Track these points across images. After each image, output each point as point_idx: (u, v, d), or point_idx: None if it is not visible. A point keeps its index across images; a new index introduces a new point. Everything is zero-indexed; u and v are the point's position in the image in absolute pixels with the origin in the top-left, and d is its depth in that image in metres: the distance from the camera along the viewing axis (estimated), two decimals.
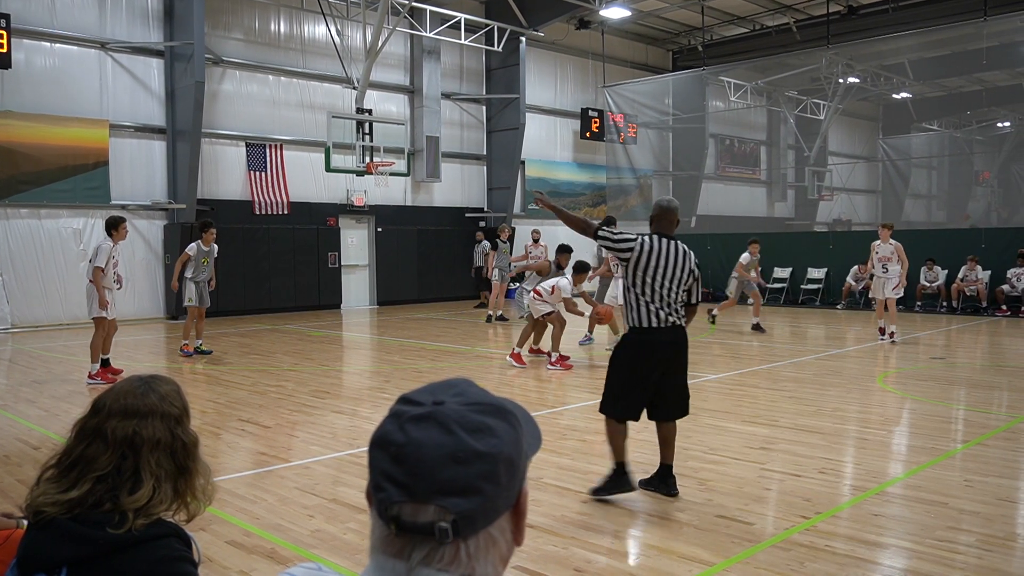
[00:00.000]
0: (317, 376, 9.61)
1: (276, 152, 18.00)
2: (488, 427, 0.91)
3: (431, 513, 0.87)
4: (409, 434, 0.89)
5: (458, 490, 0.88)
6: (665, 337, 4.85)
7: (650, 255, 4.83)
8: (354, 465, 5.68)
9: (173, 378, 1.95)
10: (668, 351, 4.87)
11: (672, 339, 4.87)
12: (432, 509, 0.87)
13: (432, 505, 0.87)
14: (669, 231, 5.00)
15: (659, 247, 4.87)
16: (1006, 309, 16.11)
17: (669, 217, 5.02)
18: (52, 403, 8.11)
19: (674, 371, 4.92)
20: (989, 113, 30.60)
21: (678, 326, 4.90)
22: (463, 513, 0.88)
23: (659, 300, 4.84)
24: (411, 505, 0.88)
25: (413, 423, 0.90)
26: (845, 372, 9.57)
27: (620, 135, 24.69)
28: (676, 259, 4.88)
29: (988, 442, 6.19)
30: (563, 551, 4.07)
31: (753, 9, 23.26)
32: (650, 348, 4.84)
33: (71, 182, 15.29)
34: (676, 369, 4.93)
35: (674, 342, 4.89)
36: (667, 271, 4.84)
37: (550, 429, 6.83)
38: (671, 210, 5.05)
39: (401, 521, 0.88)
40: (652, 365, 4.84)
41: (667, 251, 4.87)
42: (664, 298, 4.84)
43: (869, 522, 4.42)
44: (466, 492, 0.88)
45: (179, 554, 1.72)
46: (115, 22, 15.88)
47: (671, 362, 4.89)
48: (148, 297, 16.54)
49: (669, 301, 4.86)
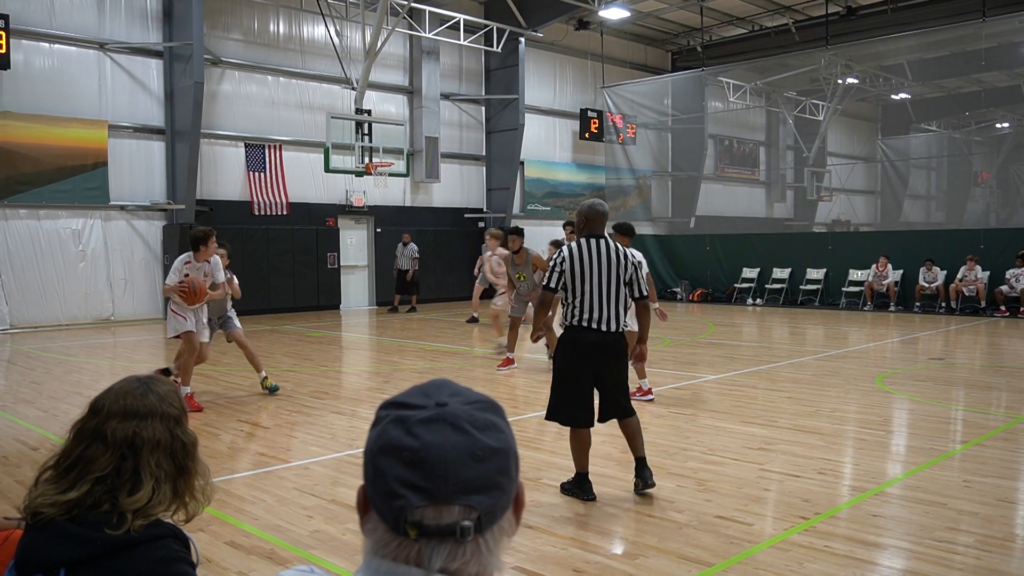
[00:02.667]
0: (316, 377, 9.60)
1: (275, 153, 18.00)
2: (494, 424, 0.94)
3: (455, 513, 0.88)
4: (421, 437, 0.90)
5: (480, 487, 0.89)
6: (591, 337, 4.81)
7: (577, 261, 4.83)
8: (353, 466, 5.68)
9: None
10: (594, 352, 4.82)
11: (599, 340, 4.82)
12: (457, 509, 0.88)
13: (456, 505, 0.88)
14: (600, 232, 4.96)
15: (587, 251, 4.84)
16: (1005, 310, 16.12)
17: (598, 220, 4.95)
18: (51, 404, 8.11)
19: (608, 373, 4.88)
20: (988, 114, 30.60)
21: (609, 331, 4.84)
22: (486, 509, 0.90)
23: (587, 304, 4.81)
24: (433, 508, 0.88)
25: (423, 426, 0.90)
26: (844, 373, 9.56)
27: (619, 136, 24.70)
28: (608, 259, 4.85)
29: (987, 443, 6.19)
30: (562, 551, 4.07)
31: (752, 10, 23.27)
32: (579, 348, 4.82)
33: (70, 183, 15.28)
34: (610, 371, 4.89)
35: (601, 343, 4.83)
36: (594, 273, 4.81)
37: (549, 429, 6.83)
38: (601, 213, 4.96)
39: (424, 525, 0.88)
40: (582, 363, 4.81)
41: (594, 253, 4.84)
42: (589, 301, 4.80)
43: (868, 523, 4.42)
44: (487, 488, 0.90)
45: (177, 555, 1.72)
46: (114, 23, 15.87)
47: (602, 364, 4.85)
48: (147, 297, 16.52)
49: (595, 304, 4.80)
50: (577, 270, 4.82)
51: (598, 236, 4.93)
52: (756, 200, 29.87)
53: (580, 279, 4.82)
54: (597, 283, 4.82)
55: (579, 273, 4.82)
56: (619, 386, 4.97)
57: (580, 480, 4.92)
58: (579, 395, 4.85)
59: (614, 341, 4.89)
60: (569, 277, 4.83)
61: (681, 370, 9.87)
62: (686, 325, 15.33)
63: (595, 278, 4.82)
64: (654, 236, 23.13)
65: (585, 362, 4.82)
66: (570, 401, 4.86)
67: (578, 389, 4.85)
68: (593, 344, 4.82)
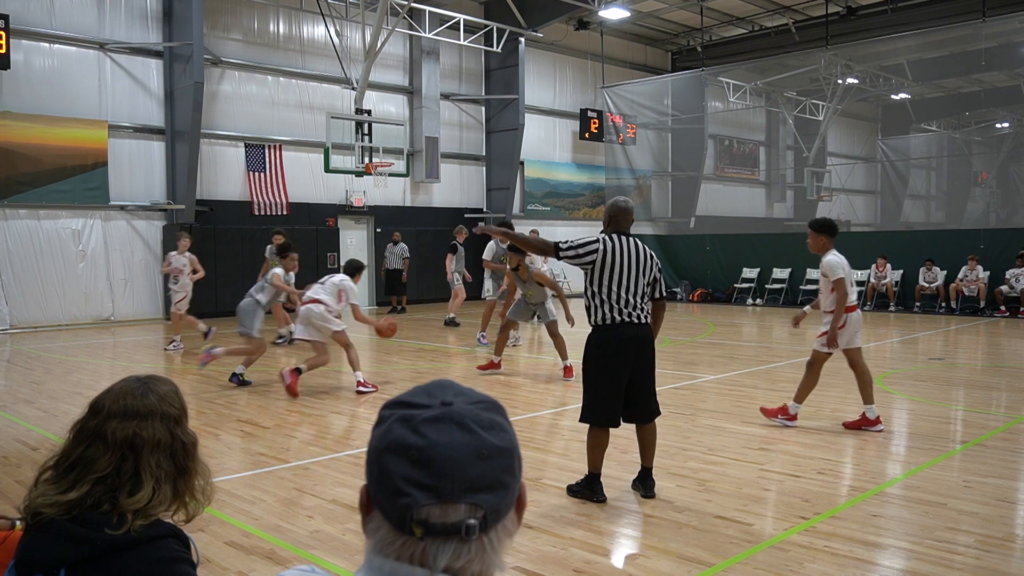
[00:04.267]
0: (316, 376, 9.60)
1: (275, 153, 18.00)
2: (499, 423, 0.94)
3: (461, 512, 0.89)
4: (428, 436, 0.90)
5: (486, 486, 0.90)
6: (628, 332, 4.81)
7: (613, 255, 4.82)
8: (353, 466, 5.68)
9: (170, 378, 1.95)
10: (632, 347, 4.82)
11: (635, 334, 4.83)
12: (463, 508, 0.89)
13: (463, 504, 0.89)
14: (627, 230, 5.00)
15: (621, 246, 4.86)
16: (1005, 310, 16.12)
17: (627, 217, 5.01)
18: (51, 404, 8.11)
19: (641, 367, 4.89)
20: (988, 114, 30.62)
21: (642, 323, 4.88)
22: (492, 507, 0.90)
23: (622, 300, 4.82)
24: (440, 507, 0.88)
25: (429, 425, 0.91)
26: (844, 373, 9.54)
27: (619, 136, 24.71)
28: (638, 257, 4.88)
29: (987, 443, 6.19)
30: (562, 551, 4.07)
31: (752, 10, 23.28)
32: (615, 344, 4.82)
33: (70, 183, 15.29)
34: (643, 365, 4.90)
35: (637, 337, 4.84)
36: (629, 270, 4.83)
37: (549, 429, 6.84)
38: (628, 210, 5.02)
39: (430, 524, 0.88)
40: (619, 361, 4.81)
41: (629, 250, 4.87)
42: (624, 297, 4.82)
43: (868, 523, 4.42)
44: (493, 487, 0.90)
45: (177, 555, 1.72)
46: (114, 23, 15.87)
47: (637, 358, 4.85)
48: (147, 298, 16.53)
49: (629, 299, 4.83)
50: (609, 262, 4.81)
51: (626, 234, 4.95)
52: (756, 200, 29.88)
53: (615, 274, 4.81)
54: (629, 279, 4.83)
55: (613, 266, 4.81)
56: (649, 386, 4.97)
57: (591, 481, 4.91)
58: (616, 394, 4.84)
59: (648, 334, 4.93)
60: (599, 268, 4.80)
61: (681, 370, 9.88)
62: (686, 325, 15.33)
63: (628, 274, 4.83)
64: (654, 236, 23.13)
65: (622, 359, 4.81)
66: (608, 401, 4.84)
67: (616, 388, 4.83)
68: (630, 339, 4.81)
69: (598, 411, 4.87)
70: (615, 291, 4.82)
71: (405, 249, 18.18)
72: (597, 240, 4.87)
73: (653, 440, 5.03)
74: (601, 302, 4.84)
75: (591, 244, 4.84)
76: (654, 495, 4.92)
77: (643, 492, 4.95)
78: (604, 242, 4.85)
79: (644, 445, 5.01)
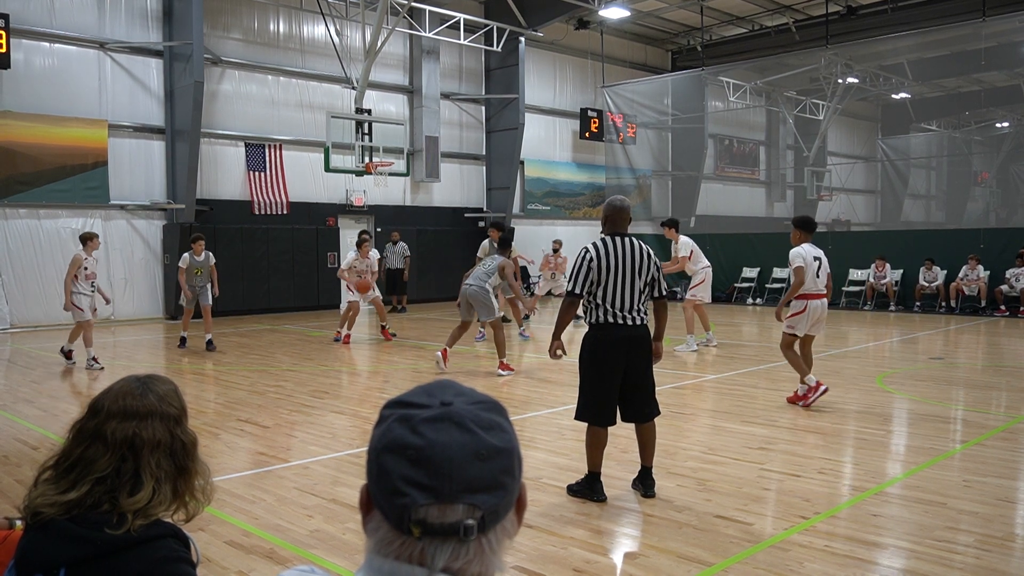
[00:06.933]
0: (316, 376, 9.60)
1: (275, 152, 18.00)
2: (498, 424, 0.94)
3: (459, 512, 0.88)
4: (426, 436, 0.90)
5: (484, 487, 0.90)
6: (619, 333, 4.84)
7: (600, 260, 4.85)
8: (353, 465, 5.68)
9: (170, 377, 1.95)
10: (622, 347, 4.84)
11: (627, 335, 4.85)
12: (461, 508, 0.88)
13: (460, 504, 0.88)
14: (623, 229, 5.01)
15: (610, 249, 4.88)
16: (1005, 309, 16.12)
17: (623, 216, 5.03)
18: (50, 403, 8.11)
19: (635, 368, 4.90)
20: (988, 113, 30.62)
21: (636, 324, 4.89)
22: (490, 508, 0.90)
23: (616, 303, 4.84)
24: (438, 507, 0.88)
25: (428, 425, 0.91)
26: (844, 372, 9.57)
27: (619, 135, 24.70)
28: (632, 258, 4.89)
29: (987, 442, 6.19)
30: (562, 551, 4.07)
31: (752, 9, 23.27)
32: (606, 344, 4.85)
33: (70, 182, 15.29)
34: (637, 365, 4.91)
35: (629, 338, 4.86)
36: (622, 272, 4.85)
37: (549, 429, 6.84)
38: (623, 209, 5.04)
39: (427, 524, 0.88)
40: (610, 361, 4.84)
41: (620, 250, 4.88)
42: (616, 299, 4.84)
43: (868, 522, 4.42)
44: (491, 488, 0.90)
45: (177, 554, 1.72)
46: (114, 22, 15.87)
47: (630, 358, 4.87)
48: (147, 297, 16.53)
49: (624, 301, 4.84)
50: (604, 267, 4.84)
51: (622, 234, 4.97)
52: (756, 200, 29.87)
53: (607, 276, 4.84)
54: (621, 281, 4.84)
55: (601, 270, 4.84)
56: (646, 385, 4.98)
57: (592, 480, 4.92)
58: (610, 393, 4.87)
59: (643, 335, 4.94)
60: (597, 274, 4.85)
61: (681, 370, 9.88)
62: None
63: (621, 275, 4.85)
64: (654, 235, 23.10)
65: (615, 359, 4.84)
66: (602, 400, 4.87)
67: (610, 387, 4.86)
68: (623, 339, 4.84)
69: (592, 409, 4.91)
70: (606, 294, 4.85)
71: (405, 248, 18.20)
72: (585, 250, 4.92)
73: (652, 439, 5.04)
74: (596, 305, 4.90)
75: (583, 261, 4.90)
76: (654, 494, 4.92)
77: (643, 491, 4.96)
78: (591, 249, 4.89)
79: (643, 444, 5.03)
